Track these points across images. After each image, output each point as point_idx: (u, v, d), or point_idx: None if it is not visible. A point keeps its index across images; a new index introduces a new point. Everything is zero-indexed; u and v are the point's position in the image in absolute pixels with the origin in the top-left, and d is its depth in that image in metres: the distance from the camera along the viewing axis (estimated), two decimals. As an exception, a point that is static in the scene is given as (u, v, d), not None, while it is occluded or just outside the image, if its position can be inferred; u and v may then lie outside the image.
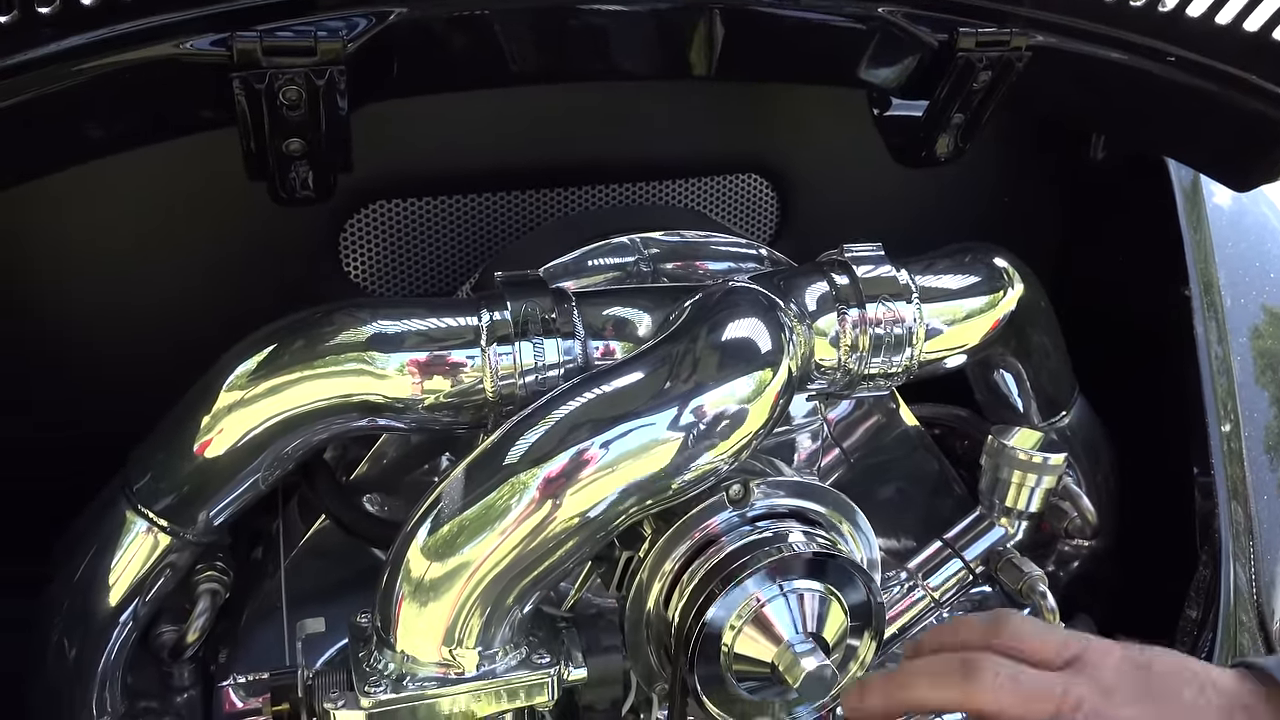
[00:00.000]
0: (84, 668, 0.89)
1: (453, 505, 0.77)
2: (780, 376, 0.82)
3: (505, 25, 0.90)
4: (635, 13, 0.96)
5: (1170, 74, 1.06)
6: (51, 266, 1.03)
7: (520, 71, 0.94)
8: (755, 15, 1.01)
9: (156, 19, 0.78)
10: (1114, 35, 1.05)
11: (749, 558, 0.81)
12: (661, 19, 0.98)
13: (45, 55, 0.75)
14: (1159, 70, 1.08)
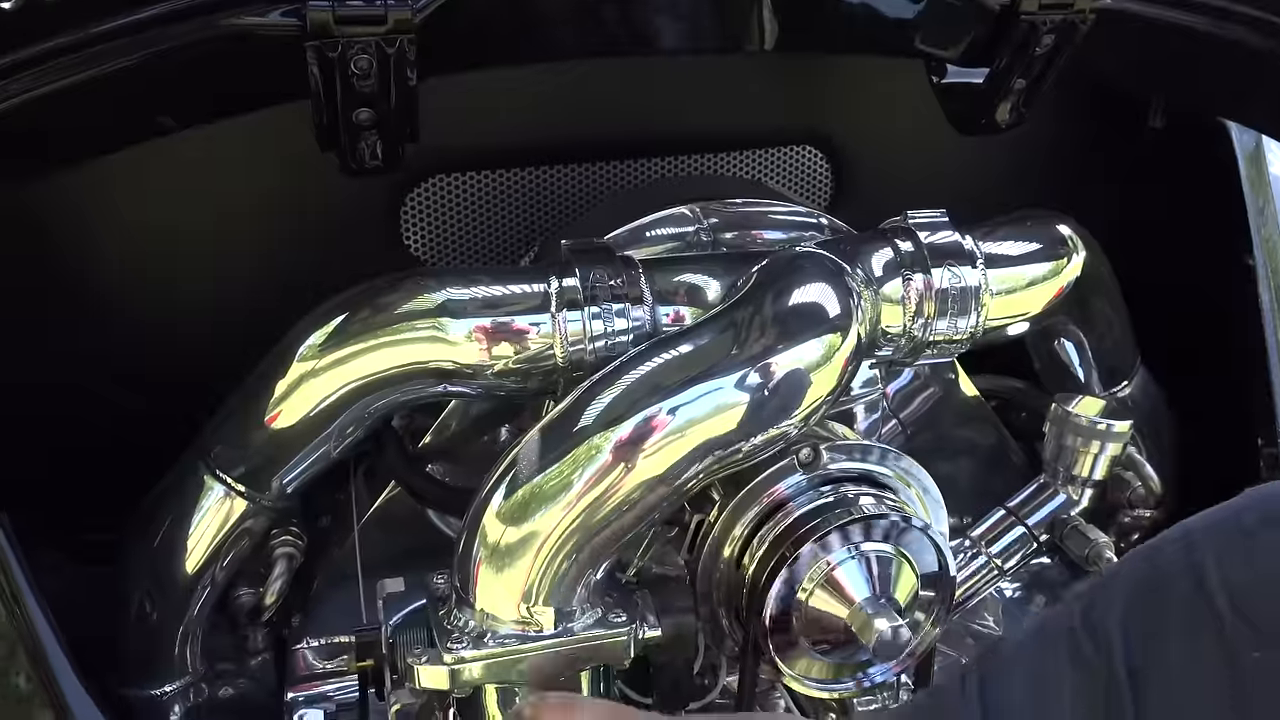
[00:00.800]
0: (167, 629, 0.92)
1: (527, 470, 0.78)
2: (850, 341, 0.82)
3: None
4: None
5: (1234, 33, 1.05)
6: (125, 243, 1.05)
7: (583, 45, 0.95)
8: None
9: (230, -11, 0.79)
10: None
11: (820, 520, 0.81)
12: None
13: (119, 27, 0.77)
14: (1222, 30, 1.07)
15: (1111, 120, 1.35)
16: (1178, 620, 0.61)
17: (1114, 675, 0.62)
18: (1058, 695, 0.64)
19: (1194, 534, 0.64)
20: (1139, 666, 0.61)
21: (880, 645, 0.78)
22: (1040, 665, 0.66)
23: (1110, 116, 1.35)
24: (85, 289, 1.03)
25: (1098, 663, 0.63)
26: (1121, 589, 0.64)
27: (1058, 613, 0.67)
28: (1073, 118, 1.31)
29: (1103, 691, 0.62)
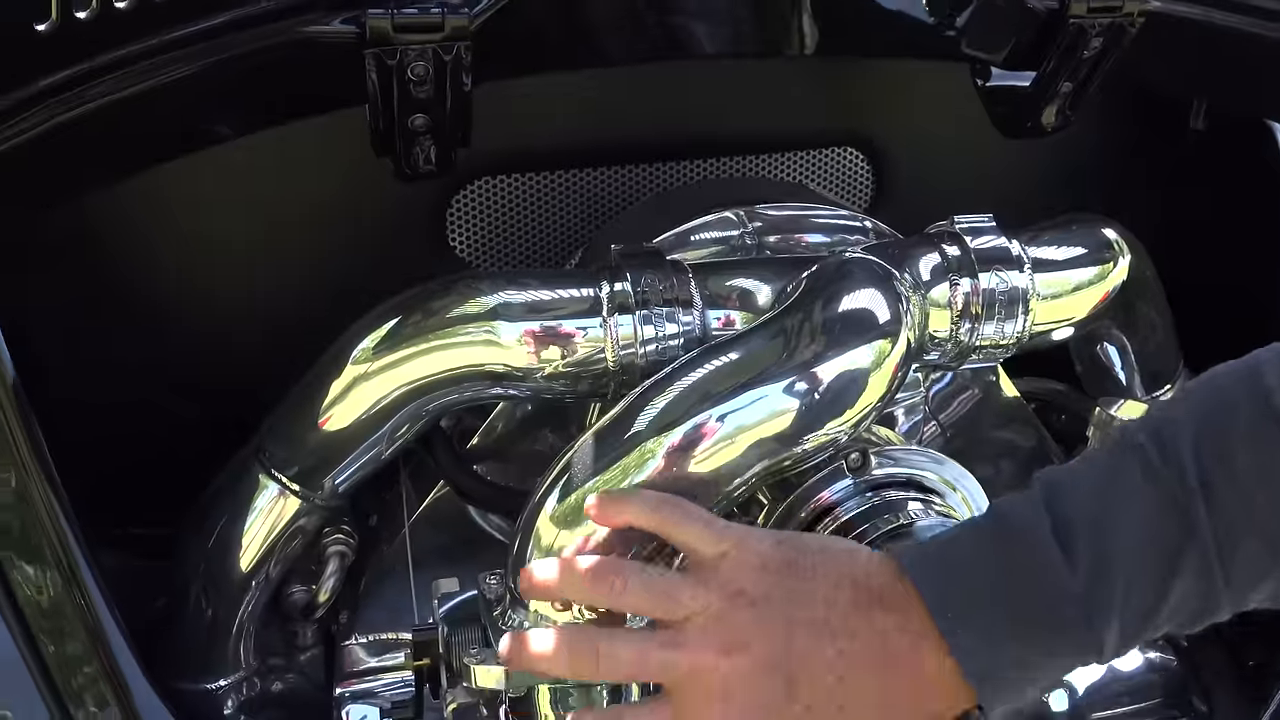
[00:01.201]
0: (221, 625, 0.94)
1: (580, 474, 0.79)
2: (900, 347, 0.83)
3: (619, 4, 0.92)
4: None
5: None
6: (180, 250, 1.06)
7: (631, 50, 0.95)
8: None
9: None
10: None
11: (867, 526, 0.82)
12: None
13: (180, 37, 0.78)
14: (1269, 31, 1.06)
15: (1154, 123, 1.35)
16: (1246, 439, 0.63)
17: (1186, 486, 0.63)
18: (1128, 505, 0.64)
19: (1261, 363, 0.65)
20: (1210, 480, 0.63)
21: (929, 649, 0.79)
22: (1110, 477, 0.65)
23: (1152, 119, 1.35)
24: (140, 295, 1.05)
25: (1168, 474, 0.63)
26: (1190, 415, 0.66)
27: (1126, 432, 0.67)
28: (1115, 120, 1.31)
29: (1174, 501, 0.63)
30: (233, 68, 0.80)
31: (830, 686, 0.65)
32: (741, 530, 0.72)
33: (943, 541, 0.69)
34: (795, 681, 0.65)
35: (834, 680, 0.65)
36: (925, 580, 0.66)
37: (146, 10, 0.72)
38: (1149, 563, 0.63)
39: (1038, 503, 0.66)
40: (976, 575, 0.65)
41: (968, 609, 0.64)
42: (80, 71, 0.73)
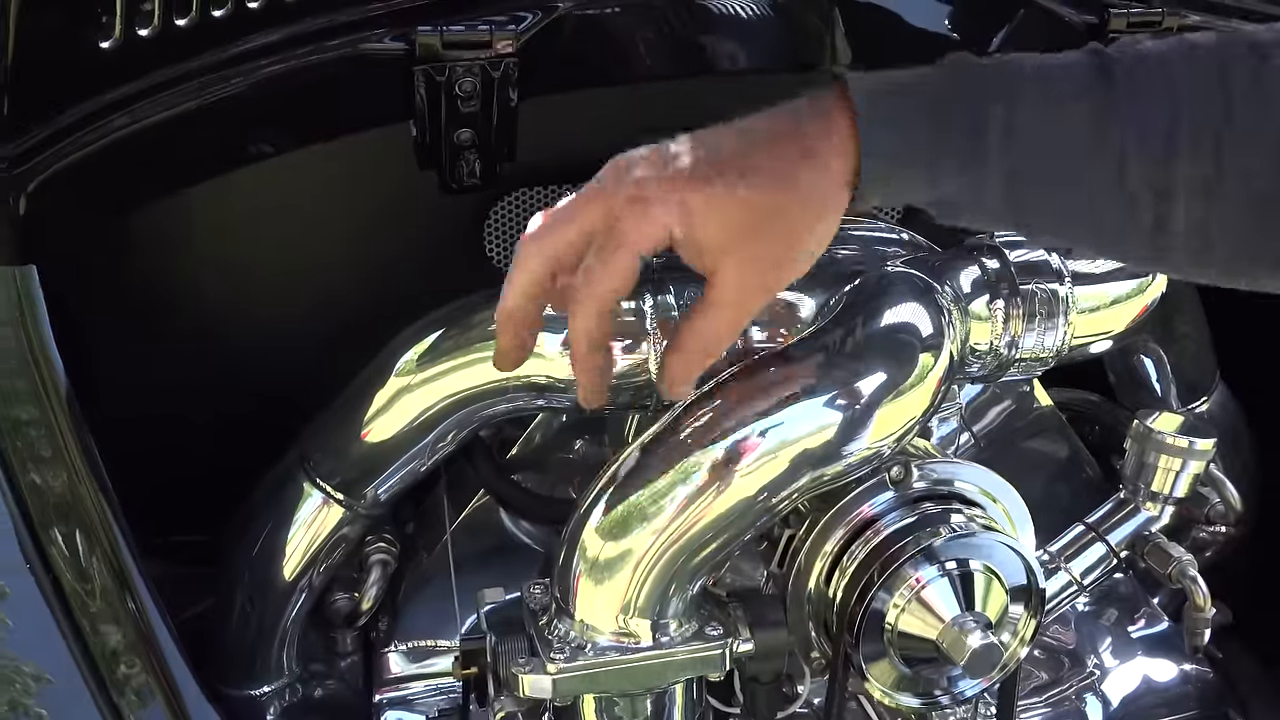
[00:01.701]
0: (266, 630, 0.95)
1: (625, 487, 0.79)
2: (943, 361, 0.83)
3: (659, 21, 0.93)
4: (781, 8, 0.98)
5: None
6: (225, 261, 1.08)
7: (674, 66, 0.96)
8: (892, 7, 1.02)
9: (341, 17, 0.82)
10: (1266, 10, 1.03)
11: (911, 539, 0.82)
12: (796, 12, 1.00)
13: (236, 55, 0.80)
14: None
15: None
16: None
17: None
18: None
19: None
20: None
21: (972, 661, 0.79)
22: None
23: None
24: (184, 306, 1.06)
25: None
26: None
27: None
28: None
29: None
30: (284, 85, 0.82)
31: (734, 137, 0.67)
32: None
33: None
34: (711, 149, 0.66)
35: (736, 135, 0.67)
36: (857, 82, 0.67)
37: (205, 28, 0.73)
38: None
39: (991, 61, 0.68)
40: (904, 77, 0.67)
41: (885, 96, 0.66)
42: (140, 88, 0.74)
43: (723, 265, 0.66)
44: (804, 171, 0.66)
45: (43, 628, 0.74)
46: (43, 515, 0.75)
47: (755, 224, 0.65)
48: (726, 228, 0.65)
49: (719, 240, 0.65)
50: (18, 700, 0.72)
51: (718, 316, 0.68)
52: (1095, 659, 1.14)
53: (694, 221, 0.64)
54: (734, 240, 0.65)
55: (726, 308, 0.68)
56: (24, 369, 0.79)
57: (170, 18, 0.70)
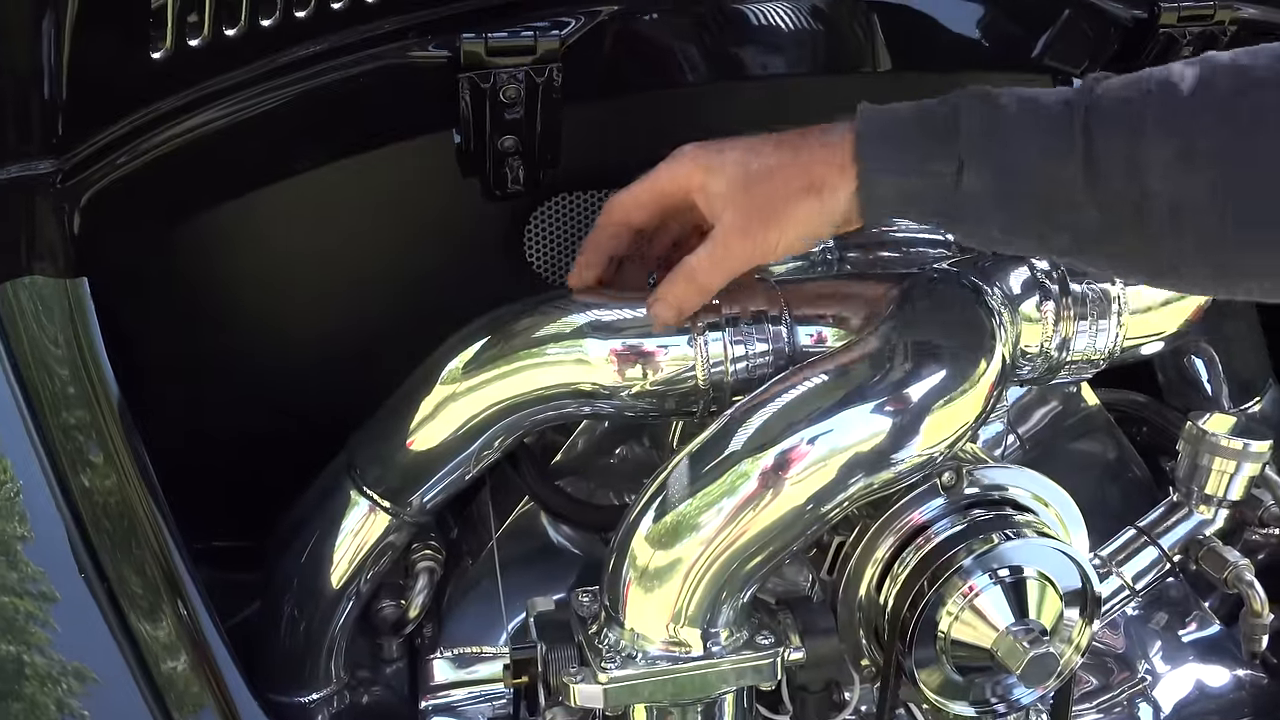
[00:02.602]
0: (315, 637, 0.95)
1: (675, 495, 0.79)
2: (995, 364, 0.82)
3: (699, 26, 0.92)
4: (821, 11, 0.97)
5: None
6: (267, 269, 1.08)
7: (714, 70, 0.96)
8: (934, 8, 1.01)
9: (386, 25, 0.82)
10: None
11: (962, 547, 0.81)
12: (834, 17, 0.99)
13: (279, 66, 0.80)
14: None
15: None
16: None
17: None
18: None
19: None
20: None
21: (1028, 670, 0.78)
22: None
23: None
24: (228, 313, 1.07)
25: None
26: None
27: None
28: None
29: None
30: (329, 94, 0.82)
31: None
32: None
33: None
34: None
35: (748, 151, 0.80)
36: (865, 110, 0.79)
37: (254, 38, 0.73)
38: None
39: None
40: (903, 110, 0.78)
41: (882, 123, 0.77)
42: (189, 99, 0.74)
43: (722, 210, 0.80)
44: (805, 153, 0.79)
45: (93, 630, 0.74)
46: (94, 518, 0.75)
47: (750, 179, 0.79)
48: (730, 181, 0.79)
49: (722, 189, 0.79)
50: (64, 700, 0.73)
51: (704, 250, 0.81)
52: (1146, 664, 1.12)
53: (709, 178, 0.80)
54: (733, 190, 0.79)
55: (714, 244, 0.80)
56: (76, 376, 0.79)
57: (220, 28, 0.70)
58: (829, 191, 0.77)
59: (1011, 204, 0.74)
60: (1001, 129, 0.73)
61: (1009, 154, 0.73)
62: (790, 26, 1.00)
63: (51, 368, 0.80)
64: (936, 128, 0.75)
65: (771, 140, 0.80)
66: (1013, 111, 0.73)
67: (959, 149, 0.74)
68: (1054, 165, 0.71)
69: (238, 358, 1.08)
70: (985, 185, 0.74)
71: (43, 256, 0.76)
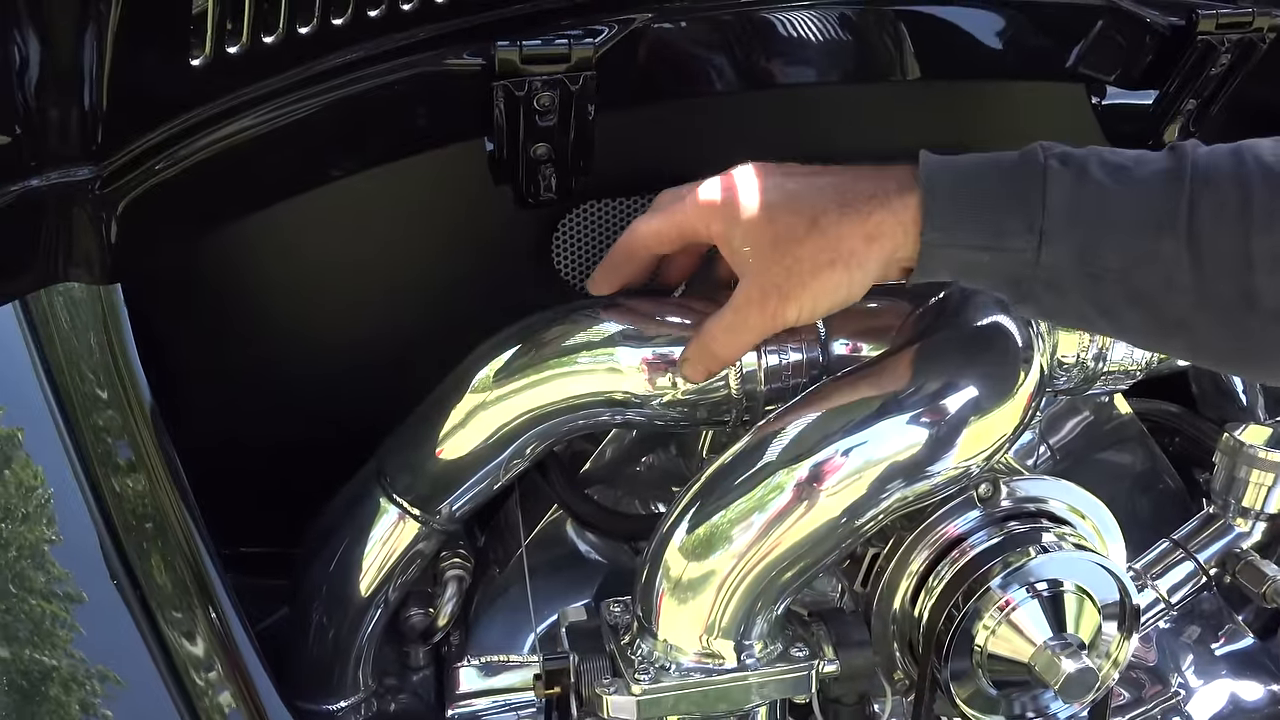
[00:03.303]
0: (343, 645, 0.95)
1: (708, 505, 0.79)
2: (1034, 375, 0.81)
3: (733, 34, 0.92)
4: (854, 16, 0.96)
5: None
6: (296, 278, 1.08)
7: (748, 79, 0.95)
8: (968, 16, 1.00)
9: (421, 33, 0.82)
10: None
11: (998, 560, 0.81)
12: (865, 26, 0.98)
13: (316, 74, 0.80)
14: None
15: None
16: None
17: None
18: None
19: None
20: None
21: (1067, 686, 0.77)
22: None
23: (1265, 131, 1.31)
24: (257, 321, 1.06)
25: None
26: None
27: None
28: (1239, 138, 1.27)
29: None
30: (363, 102, 0.81)
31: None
32: None
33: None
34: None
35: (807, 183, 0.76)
36: (928, 165, 0.73)
37: (291, 45, 0.73)
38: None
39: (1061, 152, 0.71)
40: (975, 169, 0.72)
41: (950, 183, 0.71)
42: (226, 106, 0.74)
43: (744, 271, 0.76)
44: (853, 211, 0.73)
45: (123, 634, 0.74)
46: (125, 522, 0.76)
47: (777, 242, 0.73)
48: (754, 241, 0.75)
49: (746, 247, 0.75)
50: (88, 701, 0.73)
51: (721, 317, 0.78)
52: (1179, 678, 1.11)
53: (731, 231, 0.76)
54: (756, 250, 0.74)
55: (732, 312, 0.77)
56: (109, 382, 0.79)
57: (259, 35, 0.70)
58: (858, 263, 0.72)
59: (1095, 286, 0.68)
60: (1094, 204, 0.67)
61: (1099, 234, 0.67)
62: (820, 35, 0.99)
63: (85, 373, 0.80)
64: (1017, 196, 0.69)
65: (815, 186, 0.74)
66: (1105, 184, 0.68)
67: (1042, 223, 0.68)
68: (1150, 248, 0.66)
69: (269, 365, 1.08)
70: (1068, 264, 0.68)
71: (79, 264, 0.76)
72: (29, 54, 0.66)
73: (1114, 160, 0.69)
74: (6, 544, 0.76)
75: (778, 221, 0.73)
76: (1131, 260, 0.67)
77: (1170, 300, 0.67)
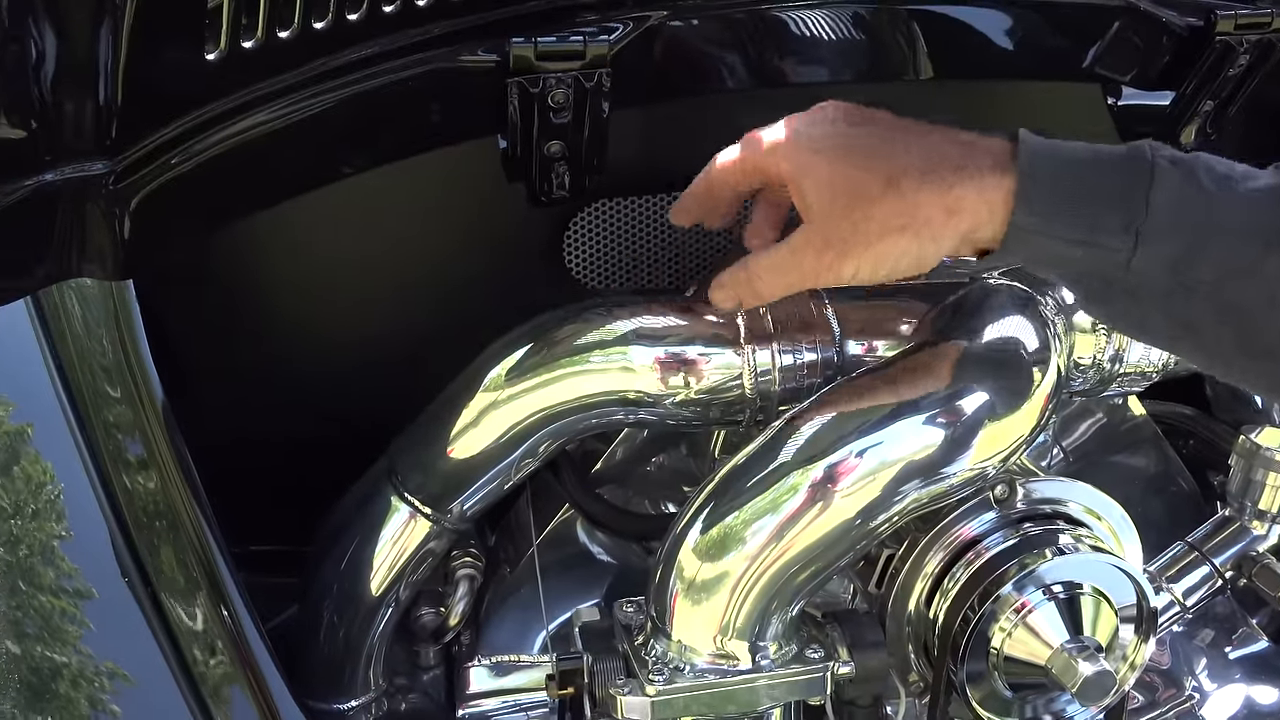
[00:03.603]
0: (354, 644, 0.95)
1: (723, 506, 0.78)
2: (1050, 376, 0.80)
3: (747, 32, 0.91)
4: (869, 19, 0.96)
5: None
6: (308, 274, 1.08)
7: (760, 76, 0.95)
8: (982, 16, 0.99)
9: (435, 29, 0.81)
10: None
11: (1014, 562, 0.80)
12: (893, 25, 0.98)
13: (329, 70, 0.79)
14: None
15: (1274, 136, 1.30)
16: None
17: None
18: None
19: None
20: None
21: (1084, 689, 0.77)
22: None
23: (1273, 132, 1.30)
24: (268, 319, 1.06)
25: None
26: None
27: None
28: (1256, 138, 1.26)
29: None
30: (378, 97, 0.81)
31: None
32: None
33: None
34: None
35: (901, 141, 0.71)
36: (1030, 147, 0.66)
37: (306, 40, 0.73)
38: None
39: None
40: (1076, 156, 0.66)
41: (1053, 169, 0.65)
42: (240, 101, 0.74)
43: (809, 216, 0.72)
44: (915, 187, 0.68)
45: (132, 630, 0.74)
46: (135, 518, 0.75)
47: (853, 197, 0.69)
48: (825, 191, 0.71)
49: (813, 199, 0.71)
50: (96, 697, 0.72)
51: (773, 253, 0.75)
52: (1194, 681, 1.10)
53: (803, 179, 0.72)
54: (825, 201, 0.71)
55: (785, 251, 0.74)
56: (120, 378, 0.79)
57: (273, 30, 0.70)
58: (931, 235, 0.67)
59: (1184, 298, 0.64)
60: (1200, 210, 0.63)
61: (1201, 241, 0.63)
62: (832, 34, 0.98)
63: (96, 370, 0.79)
64: (1121, 192, 0.64)
65: (900, 144, 0.70)
66: (1212, 191, 0.63)
67: (1142, 222, 0.63)
68: (1254, 262, 0.62)
69: (280, 362, 1.07)
70: (1160, 270, 0.64)
71: (92, 259, 0.76)
72: (45, 48, 0.66)
73: (1220, 169, 0.64)
74: (17, 540, 0.75)
75: (853, 175, 0.69)
76: (1230, 273, 0.63)
77: (1270, 322, 0.63)
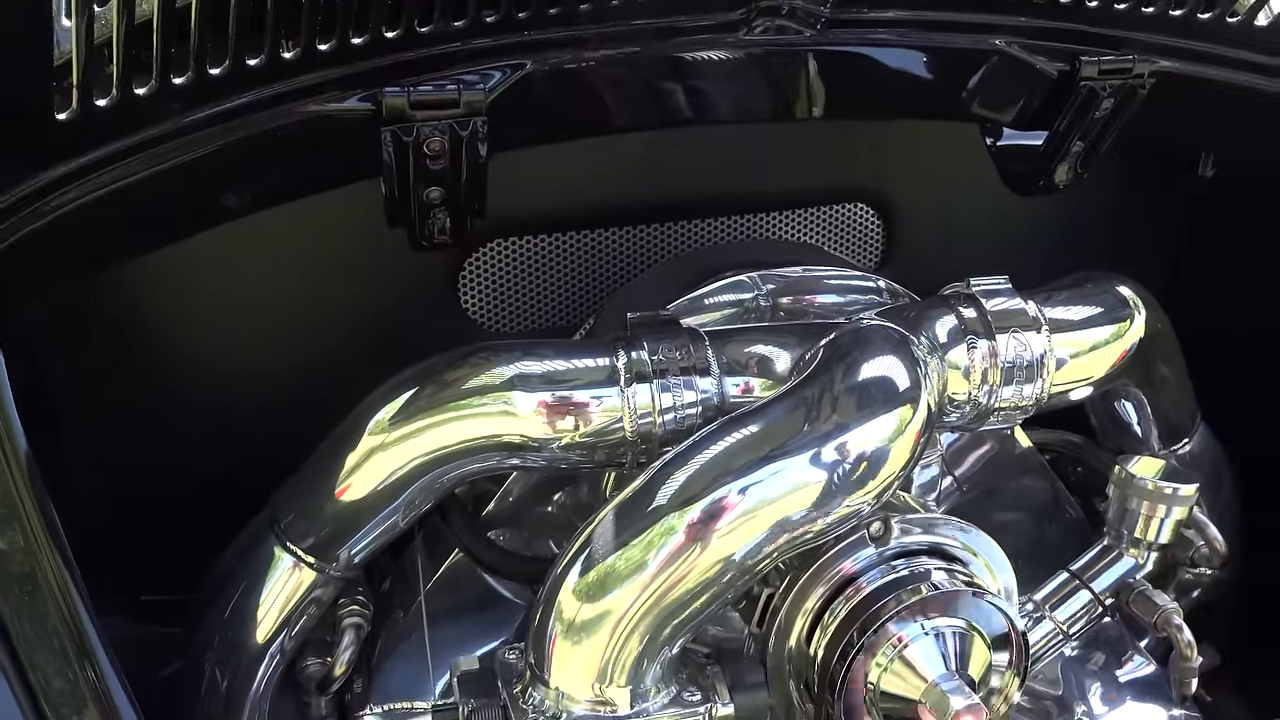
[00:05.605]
0: (236, 698, 0.93)
1: (602, 548, 0.78)
2: (921, 414, 0.82)
3: (630, 74, 0.93)
4: (748, 60, 0.97)
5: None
6: (194, 319, 1.07)
7: (642, 118, 0.96)
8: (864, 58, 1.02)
9: (306, 78, 0.81)
10: (1229, 55, 1.04)
11: (891, 598, 0.81)
12: (773, 65, 1.00)
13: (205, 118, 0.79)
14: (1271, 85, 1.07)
15: (1163, 173, 1.35)
16: None
17: None
18: None
19: None
20: None
21: (956, 723, 0.78)
22: None
23: (1162, 170, 1.35)
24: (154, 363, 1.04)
25: None
26: None
27: None
28: (1126, 176, 1.31)
29: None
30: (249, 147, 0.81)
31: None
32: None
33: None
34: None
35: None
36: None
37: (166, 95, 0.72)
38: None
39: None
40: None
41: None
42: (102, 155, 0.73)
43: None
44: None
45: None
46: (-3, 579, 0.73)
47: None
48: None
49: None
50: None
51: None
52: (1084, 706, 1.12)
53: None
54: None
55: None
56: None
57: (129, 88, 0.69)
58: None
59: None
60: None
61: None
62: (721, 74, 1.00)
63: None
64: None
65: None
66: None
67: None
68: None
69: (170, 391, 1.06)
70: None
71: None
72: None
73: None
74: None
75: None
76: None
77: None
